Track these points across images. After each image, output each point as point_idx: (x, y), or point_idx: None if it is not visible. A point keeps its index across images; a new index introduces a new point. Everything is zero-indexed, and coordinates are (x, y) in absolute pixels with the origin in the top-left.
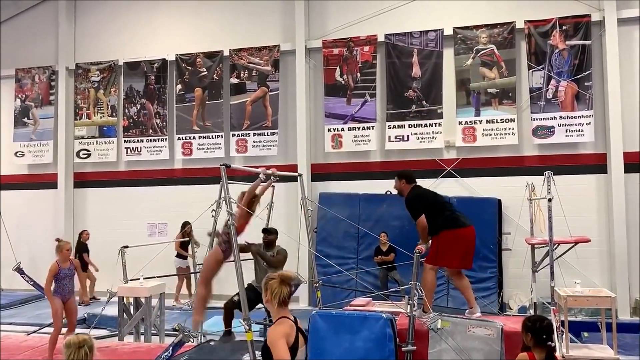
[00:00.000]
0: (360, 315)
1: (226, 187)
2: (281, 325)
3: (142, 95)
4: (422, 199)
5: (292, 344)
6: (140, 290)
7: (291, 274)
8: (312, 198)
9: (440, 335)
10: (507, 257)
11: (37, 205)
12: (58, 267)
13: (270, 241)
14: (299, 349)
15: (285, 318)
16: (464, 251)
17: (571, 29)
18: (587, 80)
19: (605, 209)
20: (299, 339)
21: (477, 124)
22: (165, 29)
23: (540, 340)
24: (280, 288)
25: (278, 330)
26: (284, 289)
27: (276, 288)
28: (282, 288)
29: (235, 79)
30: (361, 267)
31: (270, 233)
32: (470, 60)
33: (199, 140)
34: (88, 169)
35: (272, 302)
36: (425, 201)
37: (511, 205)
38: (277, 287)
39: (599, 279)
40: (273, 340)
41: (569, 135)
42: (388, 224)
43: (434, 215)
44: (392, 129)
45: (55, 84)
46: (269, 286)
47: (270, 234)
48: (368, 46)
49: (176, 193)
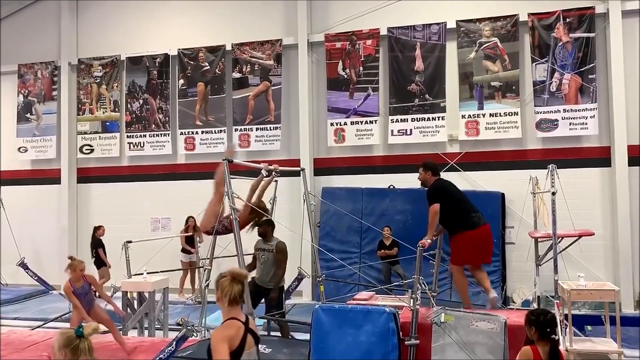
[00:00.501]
0: (364, 309)
1: (229, 181)
2: (226, 328)
3: (145, 90)
4: (443, 192)
5: (236, 347)
6: (144, 285)
7: (243, 272)
8: (315, 192)
9: (443, 329)
10: (510, 250)
11: (40, 200)
12: (71, 286)
13: (266, 232)
14: (246, 351)
15: (234, 320)
16: (480, 250)
17: (575, 21)
18: (591, 73)
19: (609, 202)
20: (246, 340)
21: (480, 117)
22: (168, 24)
23: (543, 334)
24: (231, 286)
25: (221, 333)
26: (235, 287)
27: (227, 286)
28: (233, 286)
29: (238, 74)
30: (364, 261)
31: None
32: (474, 53)
33: (202, 135)
34: (91, 164)
35: (223, 301)
36: (446, 195)
37: (515, 198)
38: (227, 286)
39: (603, 272)
40: (214, 344)
41: (573, 128)
42: (391, 218)
43: (450, 211)
44: (395, 122)
45: (57, 79)
46: (219, 284)
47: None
48: (371, 40)
49: (179, 188)
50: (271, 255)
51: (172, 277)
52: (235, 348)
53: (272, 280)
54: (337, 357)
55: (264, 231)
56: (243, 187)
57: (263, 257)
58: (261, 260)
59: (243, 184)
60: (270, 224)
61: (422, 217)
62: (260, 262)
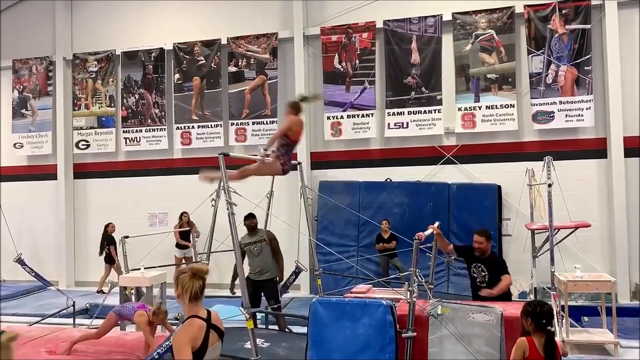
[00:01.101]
0: (361, 302)
1: (225, 176)
2: (188, 327)
3: (141, 85)
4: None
5: (199, 346)
6: (142, 280)
7: (203, 267)
8: (312, 186)
9: (440, 322)
10: (507, 242)
11: (37, 196)
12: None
13: (253, 225)
14: (210, 348)
15: (195, 318)
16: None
17: (571, 13)
18: (587, 64)
19: (606, 193)
20: (209, 337)
21: (476, 110)
22: (163, 18)
23: (540, 325)
24: (192, 282)
25: (183, 335)
26: (196, 283)
27: (187, 282)
28: (194, 282)
29: (234, 68)
30: (362, 254)
31: (250, 216)
32: (470, 45)
33: (198, 130)
34: (88, 160)
35: (183, 298)
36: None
37: (511, 191)
38: (188, 282)
39: (600, 263)
40: (176, 347)
41: (569, 120)
42: (388, 211)
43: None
44: (392, 116)
45: (52, 74)
46: (179, 280)
47: (250, 216)
48: (367, 33)
49: (176, 183)
50: (265, 244)
51: (170, 271)
52: (198, 347)
53: (274, 270)
54: (334, 350)
55: (252, 224)
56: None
57: (256, 249)
58: (255, 253)
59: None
60: (254, 216)
61: (419, 210)
62: (255, 255)
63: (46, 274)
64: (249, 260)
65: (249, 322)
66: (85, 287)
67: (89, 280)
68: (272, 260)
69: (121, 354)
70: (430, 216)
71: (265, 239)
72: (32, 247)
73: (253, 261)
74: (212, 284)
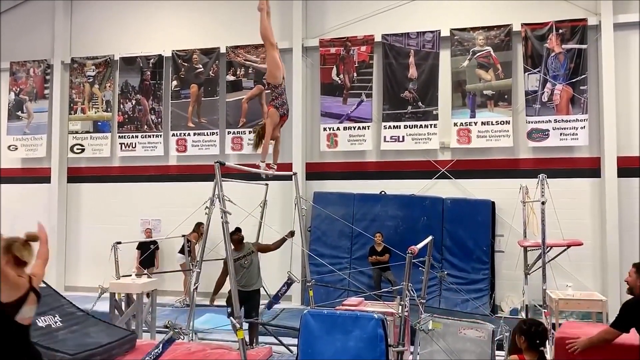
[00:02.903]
0: (352, 315)
1: (220, 184)
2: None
3: (138, 91)
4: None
5: (20, 296)
6: (132, 286)
7: (35, 234)
8: (306, 197)
9: (431, 337)
10: (499, 259)
11: (30, 199)
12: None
13: (241, 239)
14: (28, 306)
15: (21, 277)
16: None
17: (568, 32)
18: (583, 84)
19: (599, 212)
20: (29, 296)
21: (472, 125)
22: (162, 25)
23: (533, 345)
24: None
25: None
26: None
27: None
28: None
29: (232, 76)
30: (354, 266)
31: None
32: (467, 61)
33: (194, 137)
34: (82, 164)
35: (10, 262)
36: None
37: (505, 207)
38: (18, 247)
39: (591, 282)
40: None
41: (564, 138)
42: (382, 224)
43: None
44: (388, 129)
45: (50, 77)
46: (14, 247)
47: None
48: (365, 46)
49: (170, 189)
50: (254, 256)
51: (168, 278)
52: (19, 297)
53: (259, 282)
54: None
55: (239, 237)
56: (235, 190)
57: (246, 262)
58: (245, 266)
59: (234, 187)
60: (240, 230)
61: (412, 223)
62: (245, 267)
63: None
64: (239, 275)
65: (239, 332)
66: (75, 292)
67: (78, 285)
68: (259, 271)
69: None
70: (424, 230)
71: (253, 251)
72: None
73: (244, 274)
74: (203, 293)
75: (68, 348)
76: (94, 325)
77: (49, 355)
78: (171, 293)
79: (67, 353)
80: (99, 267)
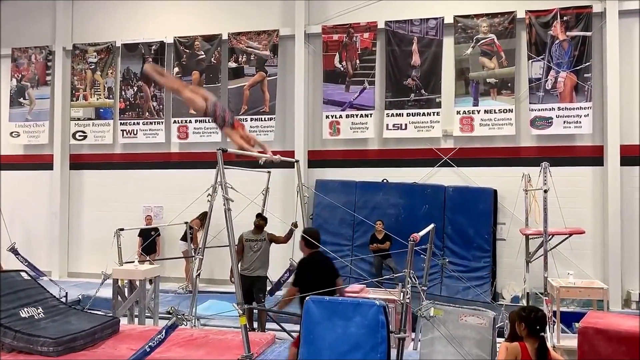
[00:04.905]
0: (354, 302)
1: (222, 171)
2: None
3: (140, 78)
4: None
5: None
6: (135, 272)
7: None
8: (308, 184)
9: (432, 323)
10: (501, 247)
11: (32, 186)
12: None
13: (262, 226)
14: None
15: None
16: None
17: (572, 19)
18: (587, 71)
19: (601, 201)
20: None
21: (475, 113)
22: (164, 11)
23: (533, 331)
24: None
25: None
26: None
27: None
28: None
29: (234, 63)
30: (356, 254)
31: (264, 218)
32: (470, 49)
33: (195, 124)
34: (84, 151)
35: None
36: None
37: (507, 195)
38: None
39: (592, 270)
40: None
41: (567, 126)
42: (384, 211)
43: None
44: (390, 117)
45: (52, 64)
46: None
47: (264, 219)
48: (368, 33)
49: (172, 177)
50: (266, 244)
51: (169, 264)
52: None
53: (266, 268)
54: (325, 348)
55: (260, 224)
56: (237, 178)
57: (256, 246)
58: (254, 250)
59: (237, 173)
60: (264, 219)
61: (414, 211)
62: (254, 251)
63: (39, 264)
64: (246, 256)
65: (241, 318)
66: (78, 278)
67: (81, 271)
68: (267, 260)
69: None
70: (426, 218)
71: (266, 239)
72: (25, 236)
73: (250, 257)
74: (205, 279)
75: (50, 334)
76: (75, 314)
77: (32, 342)
78: (173, 280)
79: (50, 338)
80: (101, 253)
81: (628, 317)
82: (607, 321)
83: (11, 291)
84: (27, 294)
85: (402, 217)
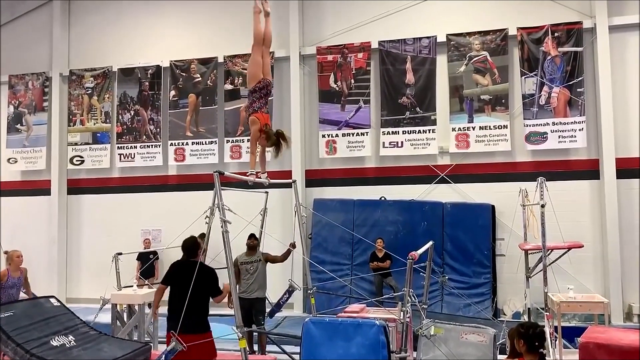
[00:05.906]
0: (354, 322)
1: (219, 194)
2: None
3: (136, 102)
4: None
5: None
6: (134, 297)
7: None
8: (306, 204)
9: (433, 342)
10: (501, 262)
11: (30, 211)
12: (7, 274)
13: (255, 245)
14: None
15: None
16: None
17: (563, 35)
18: (580, 86)
19: (598, 214)
20: None
21: (470, 130)
22: (160, 35)
23: (532, 347)
24: None
25: None
26: None
27: None
28: None
29: (230, 85)
30: (356, 273)
31: (256, 238)
32: (464, 66)
33: (192, 146)
34: (82, 176)
35: None
36: None
37: (505, 210)
38: None
39: (593, 284)
40: None
41: (562, 141)
42: (382, 229)
43: None
44: (387, 135)
45: (48, 90)
46: None
47: (257, 238)
48: (362, 53)
49: (170, 199)
50: (261, 264)
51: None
52: None
53: (264, 290)
54: None
55: (253, 244)
56: (235, 198)
57: (252, 268)
58: (250, 272)
59: (234, 195)
60: (257, 238)
61: (413, 228)
62: (250, 273)
63: (38, 289)
64: (242, 279)
65: (241, 341)
66: (77, 304)
67: (80, 296)
68: (264, 281)
69: None
70: (425, 235)
71: (261, 259)
72: (24, 261)
73: (247, 280)
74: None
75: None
76: (106, 341)
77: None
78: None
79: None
80: (100, 278)
81: (629, 331)
82: (607, 336)
83: (42, 319)
84: (57, 320)
85: (401, 234)
